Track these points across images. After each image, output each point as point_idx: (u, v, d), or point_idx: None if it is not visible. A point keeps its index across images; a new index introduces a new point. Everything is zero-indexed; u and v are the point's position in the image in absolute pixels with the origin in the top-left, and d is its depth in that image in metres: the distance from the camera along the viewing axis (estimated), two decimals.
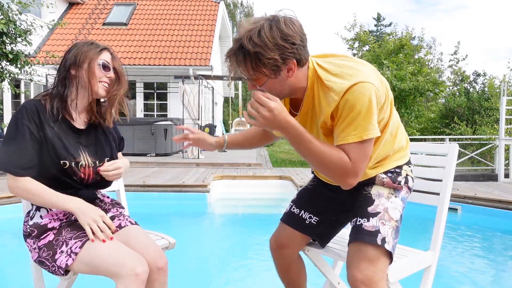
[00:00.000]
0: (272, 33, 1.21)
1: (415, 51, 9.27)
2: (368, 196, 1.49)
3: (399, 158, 1.53)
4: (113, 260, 1.35)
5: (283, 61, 1.24)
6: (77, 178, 1.53)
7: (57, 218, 1.53)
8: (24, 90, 9.82)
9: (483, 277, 3.08)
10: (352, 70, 1.32)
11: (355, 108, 1.25)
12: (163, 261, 1.50)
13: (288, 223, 1.71)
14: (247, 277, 2.96)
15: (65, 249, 1.42)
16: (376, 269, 1.36)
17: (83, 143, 1.57)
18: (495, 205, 4.81)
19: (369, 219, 1.43)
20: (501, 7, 53.30)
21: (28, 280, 1.71)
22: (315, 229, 1.68)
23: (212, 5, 15.19)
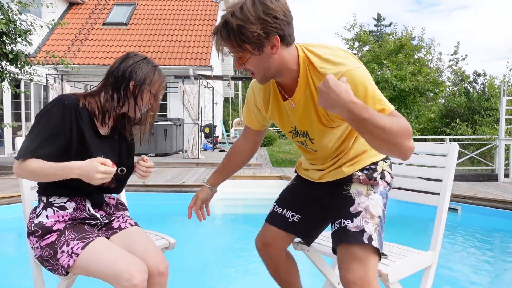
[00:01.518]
0: (254, 8, 1.21)
1: (415, 51, 9.27)
2: (348, 196, 1.50)
3: (375, 154, 1.53)
4: (111, 269, 1.35)
5: (265, 35, 1.23)
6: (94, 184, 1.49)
7: (63, 220, 1.51)
8: (24, 90, 9.81)
9: (483, 277, 3.08)
10: (343, 56, 1.32)
11: (365, 88, 1.23)
12: (163, 265, 1.50)
13: (272, 223, 1.72)
14: (247, 277, 2.96)
15: (66, 249, 1.41)
16: (367, 269, 1.37)
17: (105, 151, 1.55)
18: (495, 205, 4.81)
19: (353, 220, 1.44)
20: (501, 7, 53.26)
21: (28, 280, 1.71)
22: (299, 227, 1.70)
23: (212, 5, 15.18)
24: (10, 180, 6.04)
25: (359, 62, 1.33)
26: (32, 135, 1.41)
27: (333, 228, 1.51)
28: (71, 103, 1.45)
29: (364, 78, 1.25)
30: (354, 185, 1.51)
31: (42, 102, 11.38)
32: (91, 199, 1.58)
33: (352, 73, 1.25)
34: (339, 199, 1.52)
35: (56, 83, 9.47)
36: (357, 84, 1.23)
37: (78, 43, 12.80)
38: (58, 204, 1.53)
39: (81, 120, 1.47)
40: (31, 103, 10.84)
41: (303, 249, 1.78)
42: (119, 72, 1.53)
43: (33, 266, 1.66)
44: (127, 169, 1.64)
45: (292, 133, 1.56)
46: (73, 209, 1.54)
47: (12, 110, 10.01)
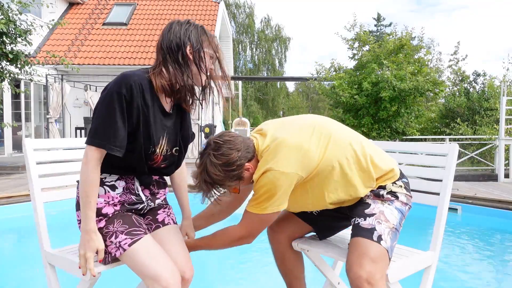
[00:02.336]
0: (214, 169, 1.45)
1: (415, 51, 9.27)
2: (364, 202, 1.58)
3: (382, 181, 1.60)
4: (151, 272, 1.40)
5: (238, 179, 1.49)
6: (150, 162, 1.53)
7: (112, 203, 1.53)
8: (24, 90, 9.81)
9: (483, 277, 3.08)
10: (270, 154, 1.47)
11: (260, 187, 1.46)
12: (190, 273, 1.55)
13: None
14: (247, 277, 2.96)
15: (115, 241, 1.46)
16: (377, 267, 1.39)
17: (167, 128, 1.54)
18: (495, 205, 4.81)
19: (366, 218, 1.51)
20: (501, 7, 53.28)
21: (26, 280, 1.71)
22: (315, 219, 1.77)
23: (212, 5, 15.18)
24: (10, 180, 6.04)
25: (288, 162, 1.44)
26: (100, 120, 1.40)
27: (352, 223, 1.57)
28: (138, 84, 1.41)
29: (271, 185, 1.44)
30: (369, 199, 1.59)
31: (42, 102, 11.38)
32: (140, 179, 1.60)
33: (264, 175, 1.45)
34: (356, 205, 1.60)
35: (56, 83, 9.47)
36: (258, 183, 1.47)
37: (78, 43, 12.79)
38: (109, 183, 1.54)
39: (151, 99, 1.46)
40: (31, 103, 10.84)
41: (303, 249, 1.78)
42: (171, 43, 1.46)
43: (46, 266, 1.69)
44: (179, 148, 1.62)
45: None
46: (123, 189, 1.56)
47: (12, 110, 10.01)
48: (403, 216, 1.58)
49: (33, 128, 10.98)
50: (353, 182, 1.54)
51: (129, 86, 1.40)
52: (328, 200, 1.56)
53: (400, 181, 1.62)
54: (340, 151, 1.51)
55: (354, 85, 8.92)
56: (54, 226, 4.52)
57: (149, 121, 1.47)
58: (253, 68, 34.34)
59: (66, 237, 4.01)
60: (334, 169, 1.50)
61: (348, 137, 1.57)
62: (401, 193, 1.59)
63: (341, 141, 1.53)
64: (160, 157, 1.56)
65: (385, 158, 1.64)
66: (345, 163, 1.51)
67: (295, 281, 1.83)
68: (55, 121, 9.55)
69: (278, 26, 34.25)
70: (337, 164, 1.50)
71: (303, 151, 1.46)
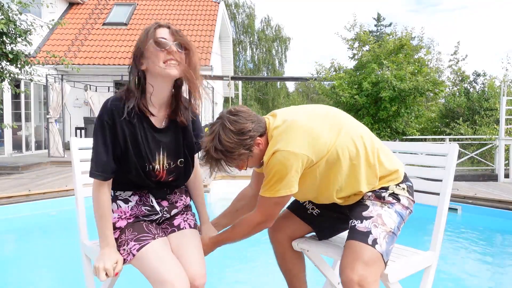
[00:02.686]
0: (227, 135, 1.44)
1: (415, 51, 9.26)
2: (363, 204, 1.57)
3: (386, 182, 1.59)
4: (158, 277, 1.40)
5: (248, 150, 1.47)
6: (153, 179, 1.56)
7: (125, 217, 1.58)
8: (24, 90, 9.81)
9: (483, 277, 3.08)
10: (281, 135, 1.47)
11: (270, 170, 1.45)
12: (201, 280, 1.50)
13: (292, 210, 1.82)
14: (246, 277, 2.96)
15: (126, 248, 1.50)
16: (370, 271, 1.39)
17: (162, 143, 1.54)
18: (495, 205, 4.81)
19: (362, 221, 1.50)
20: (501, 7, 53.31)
21: (26, 280, 1.70)
22: (315, 220, 1.78)
23: (212, 5, 15.18)
24: (10, 180, 6.04)
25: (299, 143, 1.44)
26: (94, 151, 1.46)
27: (349, 225, 1.56)
28: (109, 110, 1.43)
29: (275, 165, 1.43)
30: (369, 200, 1.58)
31: (42, 102, 11.38)
32: (153, 193, 1.62)
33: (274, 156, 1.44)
34: (355, 207, 1.59)
35: (56, 83, 9.46)
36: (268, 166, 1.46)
37: (78, 43, 12.79)
38: (122, 197, 1.60)
39: (129, 120, 1.45)
40: (31, 103, 10.84)
41: (303, 249, 1.78)
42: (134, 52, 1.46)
43: (84, 257, 1.78)
44: (184, 160, 1.61)
45: None
46: (136, 202, 1.59)
47: (12, 110, 10.00)
48: (402, 220, 1.57)
49: (33, 128, 10.98)
50: (358, 176, 1.52)
51: (110, 111, 1.44)
52: (334, 191, 1.55)
53: (404, 184, 1.61)
54: (350, 141, 1.50)
55: (354, 85, 8.93)
56: (55, 226, 4.54)
57: (137, 140, 1.48)
58: (253, 68, 34.34)
59: (66, 237, 4.01)
60: (344, 159, 1.49)
61: (359, 130, 1.57)
62: (403, 196, 1.58)
63: (353, 132, 1.53)
64: (163, 172, 1.57)
65: (392, 158, 1.63)
66: (355, 154, 1.50)
67: (295, 279, 1.83)
68: (55, 121, 9.55)
69: (278, 26, 34.24)
70: (347, 154, 1.49)
71: (314, 134, 1.46)
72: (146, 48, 1.42)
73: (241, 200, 1.84)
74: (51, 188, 5.15)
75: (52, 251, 3.57)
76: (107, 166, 1.46)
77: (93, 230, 1.75)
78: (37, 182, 5.78)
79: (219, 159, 1.47)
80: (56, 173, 7.02)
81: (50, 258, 3.38)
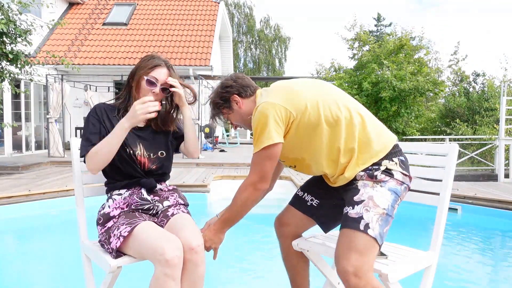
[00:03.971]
0: (216, 88, 1.78)
1: (415, 51, 9.27)
2: (354, 187, 1.56)
3: (375, 154, 1.56)
4: (149, 246, 1.48)
5: (224, 101, 1.74)
6: (138, 165, 1.74)
7: (119, 206, 1.72)
8: (24, 90, 9.81)
9: (483, 277, 3.08)
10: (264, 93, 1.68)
11: (254, 123, 1.57)
12: (196, 242, 1.56)
13: (292, 204, 1.85)
14: (246, 277, 2.96)
15: (116, 233, 1.59)
16: (365, 260, 1.39)
17: (141, 137, 1.79)
18: (495, 205, 4.81)
19: (354, 207, 1.49)
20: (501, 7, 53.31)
21: (27, 280, 1.71)
22: (316, 211, 1.79)
23: (212, 5, 15.18)
24: (10, 180, 6.04)
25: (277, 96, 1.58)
26: (83, 136, 1.70)
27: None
28: (101, 106, 1.77)
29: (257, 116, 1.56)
30: (361, 181, 1.56)
31: (42, 102, 11.38)
32: (143, 184, 1.77)
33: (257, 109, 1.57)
34: (348, 192, 1.58)
35: (56, 83, 9.46)
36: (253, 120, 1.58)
37: (78, 43, 12.80)
38: (116, 194, 1.76)
39: (116, 117, 1.75)
40: (31, 103, 10.84)
41: (303, 249, 1.78)
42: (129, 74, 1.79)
43: (84, 257, 1.79)
44: (165, 153, 1.84)
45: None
46: (129, 194, 1.75)
47: (12, 110, 10.00)
48: (397, 197, 1.53)
49: (33, 128, 10.98)
50: (337, 144, 1.55)
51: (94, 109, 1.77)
52: (319, 156, 1.59)
53: (396, 158, 1.58)
54: (334, 105, 1.56)
55: (354, 85, 8.93)
56: (55, 226, 4.54)
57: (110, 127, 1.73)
58: (253, 68, 34.34)
59: (66, 237, 4.01)
60: (326, 120, 1.54)
61: (348, 100, 1.63)
62: (396, 171, 1.55)
63: (339, 99, 1.60)
64: (145, 159, 1.77)
65: (382, 132, 1.62)
66: (336, 118, 1.54)
67: (299, 277, 1.84)
68: (55, 121, 9.55)
69: (277, 25, 34.24)
70: (329, 116, 1.54)
71: (293, 90, 1.59)
72: (139, 77, 1.73)
73: None
74: (51, 188, 5.15)
75: (52, 251, 3.57)
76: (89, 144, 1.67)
77: (93, 230, 1.76)
78: (37, 182, 5.78)
79: (212, 108, 1.79)
80: (56, 173, 7.02)
81: (50, 258, 3.38)
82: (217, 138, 14.98)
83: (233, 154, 11.18)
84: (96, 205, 1.85)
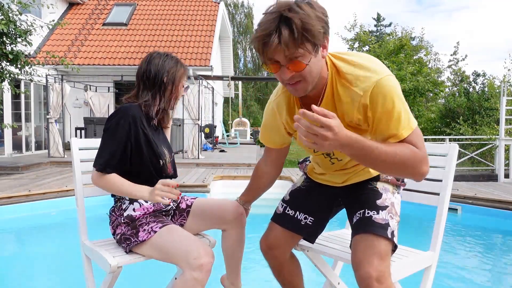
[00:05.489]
0: (310, 6, 1.11)
1: (415, 51, 9.27)
2: (375, 189, 1.45)
3: None
4: (183, 248, 1.49)
5: (324, 35, 1.13)
6: (165, 174, 1.76)
7: (148, 212, 1.72)
8: (24, 90, 9.81)
9: (483, 277, 3.08)
10: (377, 63, 1.22)
11: (392, 102, 1.17)
12: (241, 208, 1.77)
13: (282, 224, 1.67)
14: (246, 277, 2.96)
15: (147, 228, 1.61)
16: (386, 264, 1.31)
17: (161, 140, 1.80)
18: (495, 205, 4.81)
19: (379, 212, 1.39)
20: (501, 7, 53.33)
21: (27, 280, 1.71)
22: (309, 229, 1.67)
23: (212, 5, 15.18)
24: (10, 180, 6.04)
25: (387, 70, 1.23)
26: (105, 146, 1.63)
27: (355, 219, 1.44)
28: (134, 112, 1.66)
29: (395, 90, 1.18)
30: (381, 183, 1.47)
31: (42, 102, 11.38)
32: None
33: (383, 83, 1.17)
34: (364, 192, 1.45)
35: (56, 83, 9.46)
36: (386, 97, 1.17)
37: (78, 43, 12.79)
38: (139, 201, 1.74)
39: (147, 123, 1.71)
40: (31, 103, 10.84)
41: (303, 250, 1.78)
42: (150, 73, 1.71)
43: (84, 257, 1.79)
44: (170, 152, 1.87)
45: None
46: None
47: (12, 110, 10.00)
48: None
49: (33, 128, 10.98)
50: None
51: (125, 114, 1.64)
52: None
53: None
54: None
55: None
56: (55, 226, 4.53)
57: (147, 140, 1.69)
58: (253, 68, 34.34)
59: (66, 237, 4.01)
60: None
61: None
62: None
63: None
64: (169, 164, 1.80)
65: None
66: None
67: None
68: (55, 121, 9.54)
69: None
70: None
71: None
72: (178, 84, 1.76)
73: (262, 178, 1.73)
74: (51, 188, 5.15)
75: (52, 251, 3.57)
76: (111, 161, 1.61)
77: (93, 230, 1.76)
78: (37, 182, 5.78)
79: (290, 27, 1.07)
80: (56, 173, 7.02)
81: (50, 258, 3.38)
82: (217, 138, 14.98)
83: (233, 154, 11.18)
84: (95, 204, 1.85)
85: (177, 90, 1.77)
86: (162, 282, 1.64)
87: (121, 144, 1.61)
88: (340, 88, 1.24)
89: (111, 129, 1.62)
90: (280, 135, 1.54)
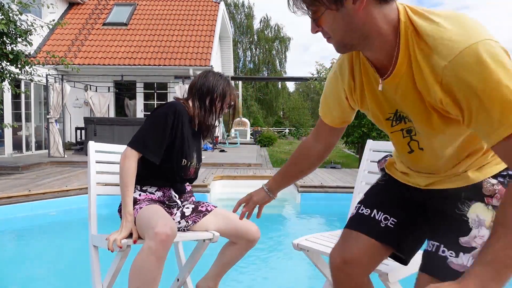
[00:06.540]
0: None
1: None
2: (464, 220, 1.07)
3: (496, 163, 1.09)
4: (148, 222, 1.57)
5: None
6: (184, 175, 1.89)
7: (151, 199, 1.84)
8: (24, 90, 9.81)
9: None
10: (467, 21, 0.86)
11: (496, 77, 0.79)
12: (259, 234, 1.88)
13: (357, 228, 1.28)
14: (246, 277, 2.96)
15: (137, 206, 1.74)
16: None
17: (196, 148, 1.93)
18: None
19: (459, 254, 1.04)
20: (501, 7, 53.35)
21: (27, 280, 1.71)
22: (394, 235, 1.25)
23: (212, 5, 15.19)
24: (10, 180, 6.04)
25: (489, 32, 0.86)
26: (146, 131, 1.74)
27: (428, 247, 1.15)
28: (181, 109, 1.80)
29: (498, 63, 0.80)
30: (476, 207, 1.06)
31: (42, 102, 11.39)
32: (175, 188, 1.90)
33: (478, 50, 0.80)
34: (448, 218, 1.11)
35: (56, 83, 9.47)
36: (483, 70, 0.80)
37: (78, 43, 12.80)
38: (149, 191, 1.86)
39: (188, 122, 1.84)
40: (31, 103, 10.85)
41: (303, 249, 1.77)
42: (204, 87, 1.89)
43: (91, 247, 1.87)
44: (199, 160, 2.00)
45: (391, 120, 1.10)
46: (161, 195, 1.88)
47: (12, 110, 10.01)
48: None
49: (33, 128, 10.99)
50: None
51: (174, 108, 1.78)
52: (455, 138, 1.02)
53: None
54: None
55: None
56: (54, 226, 4.54)
57: (182, 139, 1.81)
58: (253, 68, 34.35)
59: (66, 237, 4.01)
60: None
61: None
62: None
63: None
64: (193, 169, 1.93)
65: None
66: None
67: None
68: (55, 121, 9.55)
69: (277, 26, 34.27)
70: None
71: None
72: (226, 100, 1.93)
73: (305, 160, 1.43)
74: (51, 188, 5.15)
75: (51, 251, 3.58)
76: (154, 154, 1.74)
77: (102, 225, 1.84)
78: (37, 182, 5.78)
79: None
80: (56, 173, 7.02)
81: (49, 258, 3.38)
82: (217, 138, 14.99)
83: (233, 154, 11.18)
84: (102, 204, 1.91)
85: (223, 104, 1.93)
86: (163, 283, 1.63)
87: (166, 133, 1.74)
88: (419, 55, 0.90)
89: (158, 118, 1.75)
90: (340, 107, 1.25)
